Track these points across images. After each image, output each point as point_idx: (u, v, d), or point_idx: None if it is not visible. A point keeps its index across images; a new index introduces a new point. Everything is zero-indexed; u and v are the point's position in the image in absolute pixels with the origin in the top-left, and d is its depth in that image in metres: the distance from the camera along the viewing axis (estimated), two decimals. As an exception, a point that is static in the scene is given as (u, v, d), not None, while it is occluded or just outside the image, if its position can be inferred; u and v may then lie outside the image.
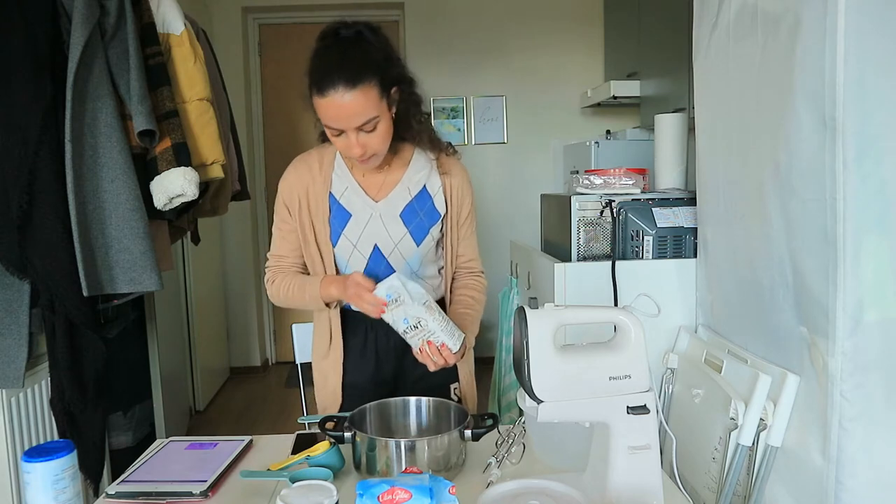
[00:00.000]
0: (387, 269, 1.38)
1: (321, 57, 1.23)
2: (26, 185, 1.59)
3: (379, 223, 1.37)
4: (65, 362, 1.71)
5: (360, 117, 1.20)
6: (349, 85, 1.17)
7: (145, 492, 1.09)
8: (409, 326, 1.24)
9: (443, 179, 1.41)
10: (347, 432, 1.14)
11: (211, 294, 3.89)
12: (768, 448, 1.44)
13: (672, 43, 2.87)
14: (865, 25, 1.16)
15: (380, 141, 1.26)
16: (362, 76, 1.18)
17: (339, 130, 1.23)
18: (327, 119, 1.22)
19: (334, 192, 1.39)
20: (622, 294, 1.93)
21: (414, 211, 1.39)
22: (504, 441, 1.23)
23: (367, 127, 1.22)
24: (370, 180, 1.39)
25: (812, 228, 1.29)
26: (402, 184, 1.39)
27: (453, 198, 1.42)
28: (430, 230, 1.40)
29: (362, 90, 1.18)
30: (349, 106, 1.19)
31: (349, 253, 1.39)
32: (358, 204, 1.38)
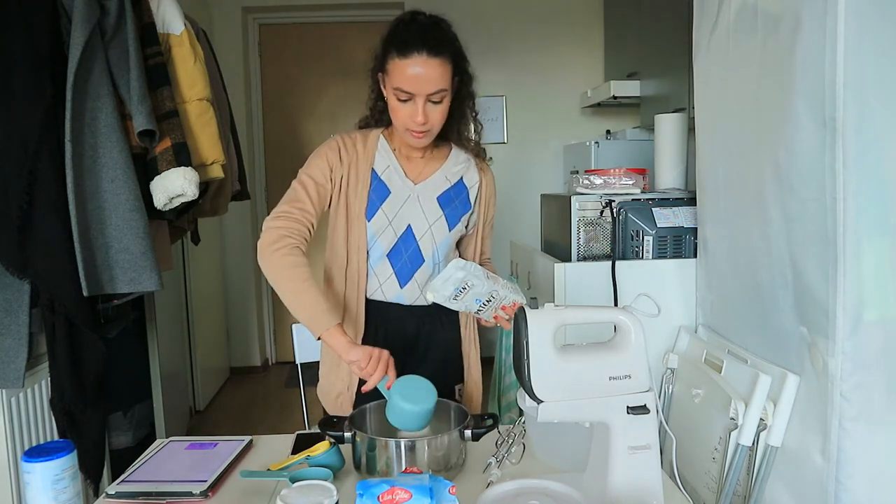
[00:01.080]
0: (414, 254, 1.42)
1: (402, 28, 1.30)
2: (26, 185, 1.59)
3: (416, 204, 1.41)
4: (65, 362, 1.71)
5: (435, 85, 1.27)
6: (432, 52, 1.25)
7: (145, 492, 1.09)
8: (482, 304, 1.32)
9: (479, 178, 1.49)
10: (347, 432, 1.14)
11: (211, 294, 3.89)
12: (768, 448, 1.44)
13: (672, 43, 2.86)
14: (865, 25, 1.16)
15: (440, 117, 1.33)
16: (443, 49, 1.27)
17: (409, 95, 1.28)
18: (403, 81, 1.27)
19: (376, 169, 1.41)
20: (622, 294, 1.93)
21: (451, 197, 1.45)
22: (504, 441, 1.23)
23: (435, 97, 1.29)
24: (412, 164, 1.44)
25: (812, 228, 1.29)
26: (441, 172, 1.45)
27: (485, 196, 1.50)
28: (462, 218, 1.46)
29: (441, 61, 1.27)
30: (429, 72, 1.26)
31: (383, 228, 1.40)
32: (398, 183, 1.41)
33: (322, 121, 4.29)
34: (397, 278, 1.42)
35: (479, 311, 1.34)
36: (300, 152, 4.33)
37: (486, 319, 1.37)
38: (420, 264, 1.43)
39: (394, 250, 1.41)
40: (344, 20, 4.23)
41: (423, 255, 1.42)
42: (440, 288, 1.29)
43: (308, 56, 4.25)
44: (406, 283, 1.43)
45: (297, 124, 4.31)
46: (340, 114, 4.28)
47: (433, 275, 1.43)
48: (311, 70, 4.25)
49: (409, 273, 1.42)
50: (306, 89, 4.27)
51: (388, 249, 1.41)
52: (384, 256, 1.41)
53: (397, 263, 1.42)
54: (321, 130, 4.29)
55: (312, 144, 1.47)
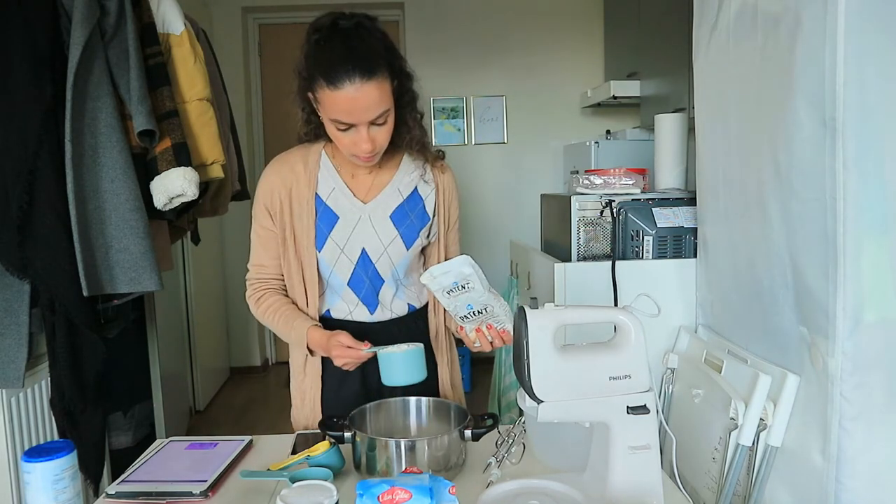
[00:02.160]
0: (374, 276, 1.34)
1: (325, 48, 1.16)
2: (26, 185, 1.59)
3: (368, 225, 1.32)
4: (65, 362, 1.71)
5: (376, 110, 1.16)
6: (365, 76, 1.12)
7: (145, 492, 1.09)
8: (471, 312, 1.23)
9: (435, 182, 1.38)
10: (347, 432, 1.14)
11: (211, 294, 3.89)
12: (768, 448, 1.44)
13: (672, 43, 2.87)
14: (865, 25, 1.16)
15: (387, 135, 1.22)
16: (376, 67, 1.14)
17: (348, 125, 1.17)
18: (339, 113, 1.16)
19: (320, 194, 1.32)
20: (622, 294, 1.93)
21: (405, 213, 1.34)
22: (504, 441, 1.23)
23: (379, 120, 1.18)
24: (359, 182, 1.34)
25: (812, 228, 1.29)
26: (392, 185, 1.35)
27: (444, 202, 1.39)
28: (420, 233, 1.36)
29: (377, 81, 1.14)
30: (366, 98, 1.14)
31: (335, 258, 1.32)
32: (346, 205, 1.32)
33: (322, 121, 4.28)
34: (365, 305, 1.36)
35: (465, 319, 1.24)
36: (300, 152, 4.32)
37: (468, 332, 1.26)
38: (381, 284, 1.36)
39: (353, 277, 1.33)
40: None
41: (381, 276, 1.35)
42: (439, 277, 1.19)
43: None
44: (375, 308, 1.37)
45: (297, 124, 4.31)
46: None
47: (397, 292, 1.38)
48: (311, 70, 4.25)
49: (374, 296, 1.36)
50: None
51: (347, 278, 1.33)
52: (345, 285, 1.34)
53: (361, 290, 1.35)
54: (321, 130, 4.29)
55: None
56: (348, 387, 1.39)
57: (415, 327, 1.42)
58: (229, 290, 4.23)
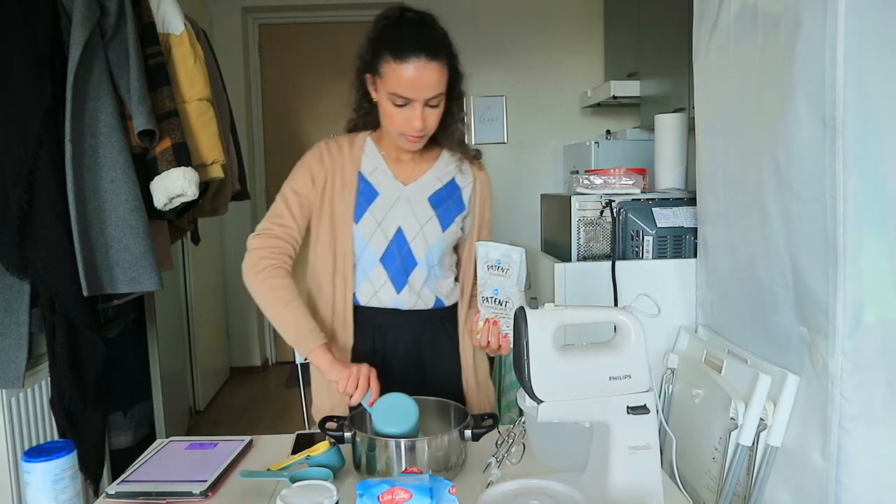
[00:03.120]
0: (407, 256, 1.37)
1: (394, 29, 1.25)
2: (26, 185, 1.59)
3: (406, 206, 1.37)
4: (65, 362, 1.71)
5: (433, 89, 1.23)
6: (430, 56, 1.21)
7: (145, 492, 1.09)
8: (493, 298, 1.25)
9: (472, 177, 1.44)
10: (347, 432, 1.14)
11: (211, 294, 3.89)
12: (768, 448, 1.44)
13: (672, 43, 2.86)
14: (865, 25, 1.16)
15: (436, 120, 1.29)
16: (440, 51, 1.23)
17: (406, 100, 1.24)
18: (400, 86, 1.22)
19: (363, 171, 1.38)
20: (622, 294, 1.92)
21: (442, 197, 1.40)
22: (504, 441, 1.23)
23: (433, 101, 1.25)
24: (401, 166, 1.40)
25: (812, 228, 1.29)
26: (432, 172, 1.41)
27: (480, 198, 1.45)
28: (456, 219, 1.40)
29: (439, 64, 1.23)
30: (427, 76, 1.22)
31: (372, 231, 1.35)
32: (386, 184, 1.38)
33: (322, 121, 4.29)
34: (392, 283, 1.38)
35: (485, 300, 1.26)
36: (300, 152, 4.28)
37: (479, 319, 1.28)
38: (413, 267, 1.38)
39: (386, 254, 1.36)
40: (344, 20, 4.23)
41: (415, 257, 1.37)
42: (491, 250, 1.25)
43: (308, 56, 4.25)
44: (402, 288, 1.38)
45: (297, 124, 4.31)
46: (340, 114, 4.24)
47: (428, 278, 1.40)
48: (311, 70, 4.25)
49: (404, 277, 1.38)
50: (306, 89, 4.27)
51: (380, 254, 1.36)
52: (377, 261, 1.37)
53: (391, 268, 1.37)
54: (321, 130, 4.29)
55: (312, 144, 1.46)
56: None
57: (441, 328, 1.44)
58: (229, 290, 4.23)
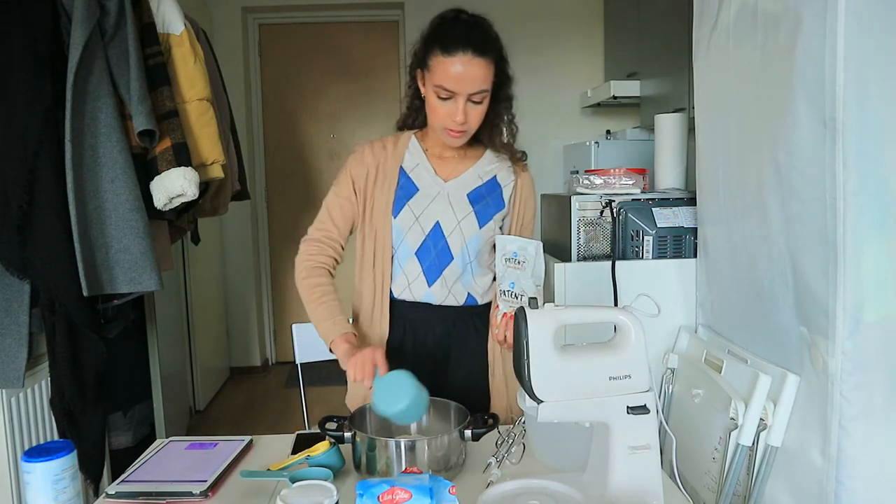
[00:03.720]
0: (443, 251, 1.39)
1: (447, 25, 1.30)
2: (26, 185, 1.59)
3: (445, 202, 1.39)
4: (65, 362, 1.71)
5: (478, 84, 1.27)
6: (477, 52, 1.25)
7: (145, 492, 1.09)
8: (510, 291, 1.28)
9: (515, 176, 1.46)
10: (347, 432, 1.14)
11: (211, 294, 3.89)
12: (768, 448, 1.44)
13: (672, 43, 2.86)
14: (865, 25, 1.16)
15: (479, 117, 1.32)
16: (488, 49, 1.27)
17: (450, 94, 1.27)
18: (446, 78, 1.26)
19: (405, 167, 1.41)
20: (622, 294, 1.92)
21: (481, 194, 1.42)
22: (504, 441, 1.23)
23: (477, 97, 1.29)
24: (443, 163, 1.43)
25: (812, 228, 1.29)
26: (474, 169, 1.43)
27: (521, 198, 1.47)
28: (495, 217, 1.42)
29: (486, 62, 1.27)
30: (472, 71, 1.25)
31: (409, 225, 1.38)
32: (427, 180, 1.41)
33: (322, 121, 4.29)
34: (425, 276, 1.40)
35: (503, 294, 1.30)
36: (300, 152, 4.33)
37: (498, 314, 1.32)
38: (449, 261, 1.40)
39: (422, 248, 1.39)
40: (344, 20, 4.23)
41: (451, 252, 1.40)
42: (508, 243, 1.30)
43: (308, 56, 4.25)
44: (434, 280, 1.40)
45: (297, 124, 4.31)
46: (340, 114, 4.28)
47: (463, 274, 1.41)
48: (311, 70, 4.25)
49: (438, 271, 1.40)
50: (306, 89, 4.27)
51: (416, 247, 1.39)
52: (412, 254, 1.40)
53: (426, 261, 1.40)
54: (321, 130, 4.30)
55: (312, 144, 1.48)
56: None
57: (471, 324, 1.45)
58: (229, 290, 4.23)
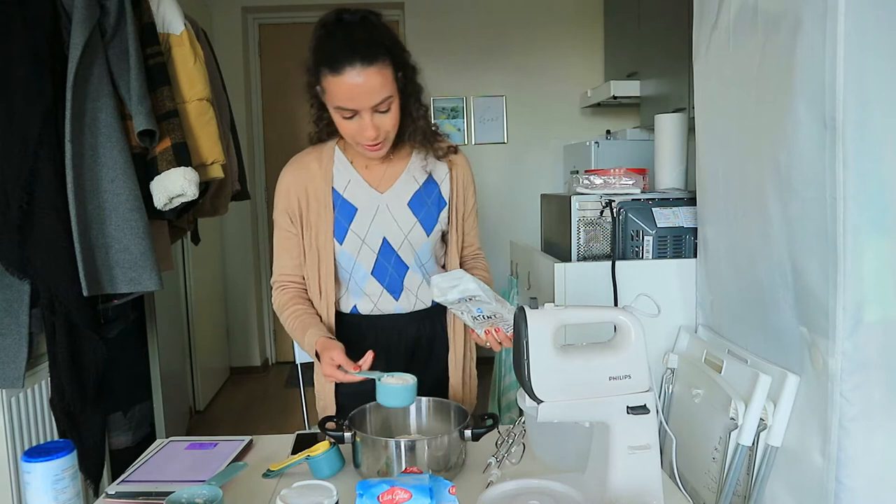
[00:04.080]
0: (397, 264, 1.37)
1: (328, 38, 1.20)
2: (26, 185, 1.59)
3: (387, 215, 1.35)
4: (65, 362, 1.71)
5: (377, 95, 1.19)
6: (366, 62, 1.16)
7: (145, 492, 1.09)
8: (481, 316, 1.25)
9: (448, 166, 1.40)
10: (347, 432, 1.14)
11: (211, 294, 3.89)
12: (768, 448, 1.44)
13: (672, 43, 2.86)
14: (865, 25, 1.16)
15: (392, 123, 1.25)
16: (377, 54, 1.17)
17: (352, 112, 1.20)
18: (341, 98, 1.19)
19: (337, 187, 1.35)
20: (622, 294, 1.92)
21: (422, 199, 1.37)
22: (504, 441, 1.23)
23: (381, 106, 1.21)
24: (373, 172, 1.36)
25: (812, 228, 1.29)
26: (408, 173, 1.38)
27: (459, 187, 1.41)
28: (440, 218, 1.39)
29: (378, 68, 1.17)
30: (366, 83, 1.17)
31: (358, 248, 1.35)
32: (363, 196, 1.35)
33: (322, 121, 4.28)
34: (390, 293, 1.39)
35: (475, 320, 1.26)
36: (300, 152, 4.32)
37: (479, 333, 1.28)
38: (405, 271, 1.39)
39: (377, 267, 1.37)
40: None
41: (405, 263, 1.38)
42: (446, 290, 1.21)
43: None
44: (399, 294, 1.40)
45: (297, 124, 4.31)
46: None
47: (423, 279, 1.41)
48: (311, 70, 4.25)
49: (399, 284, 1.39)
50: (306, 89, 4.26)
51: (370, 267, 1.37)
52: (369, 275, 1.38)
53: (385, 279, 1.38)
54: (321, 130, 4.29)
55: (313, 143, 1.46)
56: None
57: (438, 322, 1.46)
58: (229, 290, 4.23)
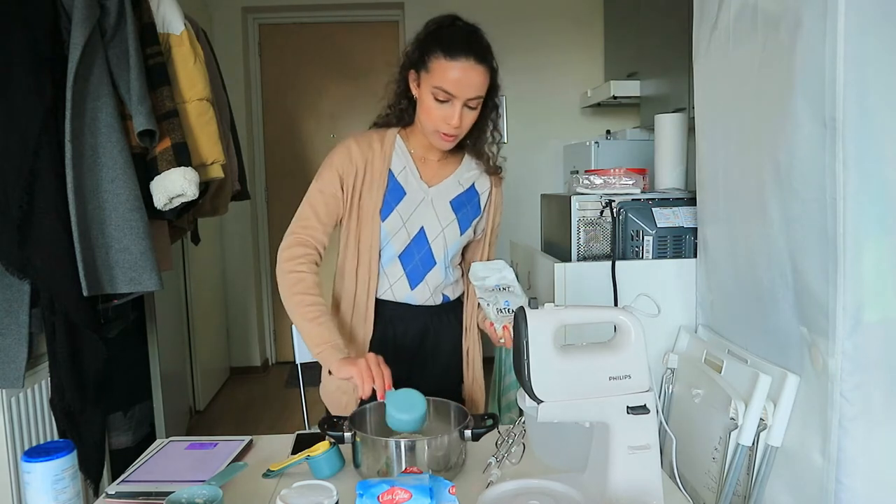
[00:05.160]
0: (426, 256, 1.43)
1: (447, 31, 1.32)
2: (26, 185, 1.59)
3: (430, 207, 1.42)
4: (65, 362, 1.71)
5: (476, 90, 1.29)
6: (479, 58, 1.28)
7: (145, 492, 1.09)
8: (507, 308, 1.30)
9: (490, 185, 1.50)
10: (347, 432, 1.14)
11: (211, 294, 3.89)
12: (768, 448, 1.44)
13: (672, 43, 2.86)
14: (865, 25, 1.16)
15: (471, 122, 1.35)
16: (488, 58, 1.30)
17: (449, 97, 1.28)
18: (447, 82, 1.27)
19: (393, 170, 1.41)
20: (622, 294, 1.92)
21: (462, 202, 1.45)
22: (504, 441, 1.23)
23: (472, 103, 1.30)
24: (427, 167, 1.44)
25: (812, 228, 1.29)
26: (455, 176, 1.46)
27: (493, 205, 1.51)
28: (472, 223, 1.47)
29: (486, 69, 1.29)
30: (473, 76, 1.27)
31: (396, 229, 1.40)
32: (413, 185, 1.42)
33: (322, 120, 4.29)
34: (408, 280, 1.43)
35: (500, 312, 1.31)
36: (300, 152, 4.33)
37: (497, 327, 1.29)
38: (432, 266, 1.44)
39: (406, 252, 1.42)
40: (344, 20, 4.23)
41: (434, 257, 1.43)
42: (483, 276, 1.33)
43: (308, 56, 4.25)
44: (417, 284, 1.44)
45: (297, 124, 4.31)
46: (340, 114, 4.28)
47: (445, 278, 1.46)
48: (311, 70, 4.25)
49: (421, 275, 1.44)
50: (306, 89, 4.27)
51: (400, 251, 1.42)
52: (396, 257, 1.42)
53: (409, 265, 1.43)
54: (321, 130, 4.30)
55: (312, 144, 1.48)
56: None
57: (446, 320, 1.50)
58: (229, 290, 4.23)
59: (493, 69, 1.33)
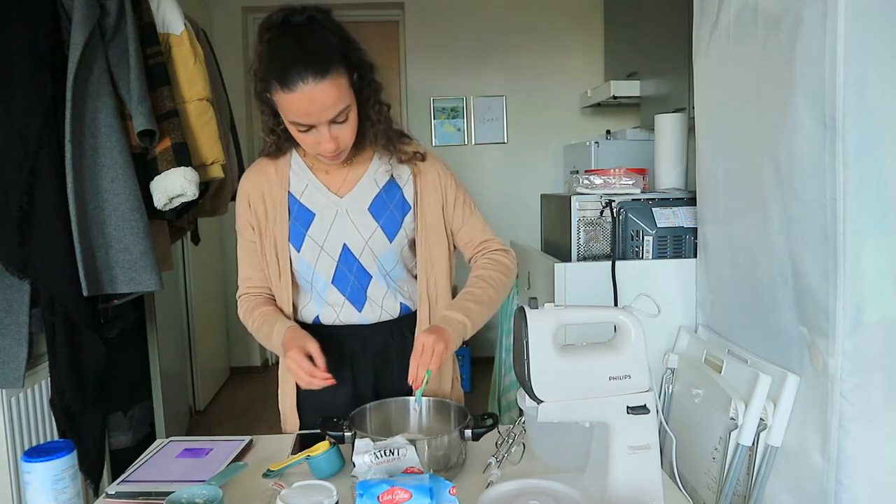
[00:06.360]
0: (359, 272, 1.30)
1: (276, 48, 1.11)
2: (26, 185, 1.59)
3: (346, 220, 1.27)
4: (65, 362, 1.71)
5: (334, 108, 1.11)
6: (319, 75, 1.07)
7: (145, 492, 1.09)
8: None
9: (412, 168, 1.31)
10: (347, 432, 1.14)
11: (211, 294, 3.89)
12: (768, 448, 1.44)
13: (672, 43, 2.86)
14: (865, 25, 1.16)
15: (351, 132, 1.18)
16: (330, 64, 1.09)
17: (308, 126, 1.13)
18: (296, 115, 1.12)
19: (293, 192, 1.29)
20: (622, 294, 1.93)
21: (383, 203, 1.29)
22: (504, 441, 1.22)
23: (339, 118, 1.13)
24: (332, 176, 1.29)
25: (812, 228, 1.29)
26: (368, 176, 1.30)
27: (430, 184, 1.31)
28: (403, 223, 1.30)
29: (332, 79, 1.09)
30: (322, 98, 1.09)
31: (316, 256, 1.28)
32: (321, 201, 1.28)
33: (322, 121, 4.28)
34: (352, 303, 1.32)
35: None
36: (300, 152, 4.33)
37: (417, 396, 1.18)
38: (369, 281, 1.31)
39: (337, 275, 1.29)
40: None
41: (368, 271, 1.30)
42: None
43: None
44: (363, 305, 1.32)
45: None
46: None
47: (388, 289, 1.32)
48: (311, 70, 4.25)
49: (362, 294, 1.32)
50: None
51: (330, 276, 1.29)
52: (329, 284, 1.30)
53: (346, 288, 1.31)
54: (321, 130, 4.29)
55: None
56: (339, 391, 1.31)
57: (408, 333, 1.36)
58: (229, 290, 4.22)
59: (346, 63, 1.12)
